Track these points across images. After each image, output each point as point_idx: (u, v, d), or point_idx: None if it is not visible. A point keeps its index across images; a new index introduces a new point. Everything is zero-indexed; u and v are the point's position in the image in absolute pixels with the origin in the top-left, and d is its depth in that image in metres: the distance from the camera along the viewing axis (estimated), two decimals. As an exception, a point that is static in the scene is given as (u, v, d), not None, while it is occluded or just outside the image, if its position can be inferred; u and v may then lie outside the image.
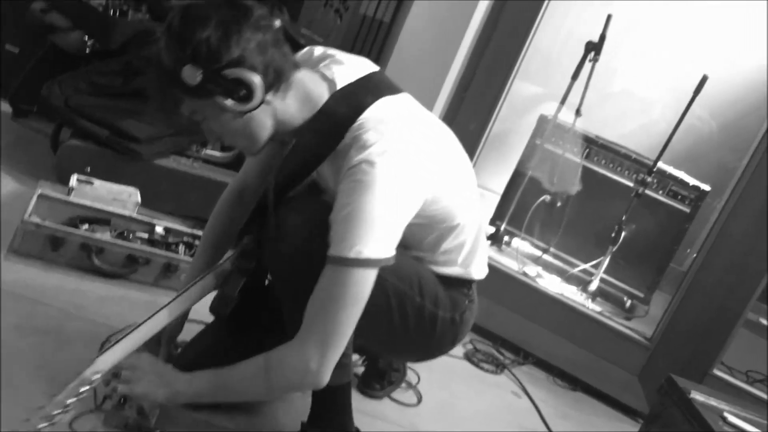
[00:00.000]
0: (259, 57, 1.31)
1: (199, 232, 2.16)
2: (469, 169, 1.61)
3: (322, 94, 1.42)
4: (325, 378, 1.34)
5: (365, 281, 1.31)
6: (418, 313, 1.52)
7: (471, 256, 1.59)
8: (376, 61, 2.79)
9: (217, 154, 2.65)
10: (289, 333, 1.36)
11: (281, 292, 1.47)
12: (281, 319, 1.47)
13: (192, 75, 1.29)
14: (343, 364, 1.43)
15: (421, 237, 1.51)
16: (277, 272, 1.49)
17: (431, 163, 1.40)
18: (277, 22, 1.37)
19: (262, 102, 1.34)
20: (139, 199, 2.25)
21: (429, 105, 2.63)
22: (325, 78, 1.45)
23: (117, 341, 1.42)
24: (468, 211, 1.53)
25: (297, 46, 1.52)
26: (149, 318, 1.46)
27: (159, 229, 2.18)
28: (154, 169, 2.47)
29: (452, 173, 1.50)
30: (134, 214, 2.19)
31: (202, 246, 1.74)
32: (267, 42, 1.33)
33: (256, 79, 1.31)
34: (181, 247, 2.16)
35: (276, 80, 1.35)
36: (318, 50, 1.55)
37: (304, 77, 1.42)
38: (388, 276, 1.42)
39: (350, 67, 1.48)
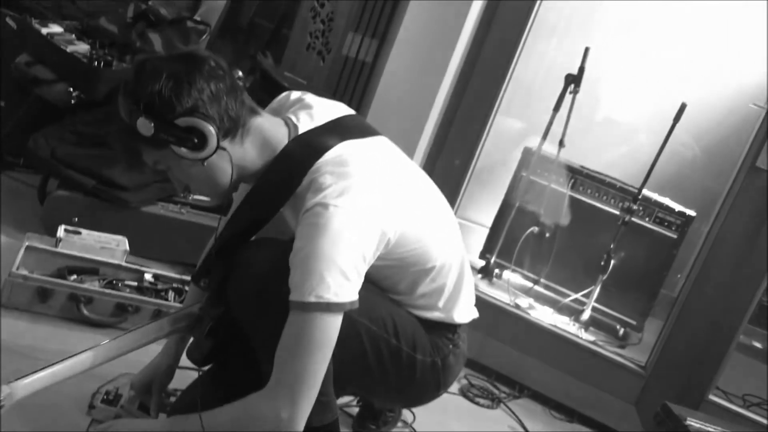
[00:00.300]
0: (212, 105, 1.36)
1: (189, 278, 2.15)
2: (447, 213, 1.61)
3: (282, 139, 1.44)
4: (299, 425, 1.33)
5: (329, 326, 1.30)
6: (394, 356, 1.51)
7: (453, 300, 1.57)
8: (359, 100, 2.87)
9: (205, 198, 2.65)
10: (264, 377, 1.36)
11: (249, 334, 1.47)
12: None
13: (146, 126, 1.33)
14: (324, 403, 1.42)
15: (396, 280, 1.51)
16: (242, 316, 1.48)
17: (394, 205, 1.40)
18: (239, 73, 1.41)
19: (217, 148, 1.36)
20: (127, 247, 2.25)
21: (413, 142, 2.68)
22: (287, 123, 1.47)
23: (30, 373, 1.40)
24: (445, 254, 1.52)
25: (280, 89, 1.54)
26: (73, 356, 1.44)
27: (148, 276, 2.17)
28: (142, 216, 2.47)
29: (423, 216, 1.49)
30: (123, 263, 2.19)
31: (192, 290, 1.74)
32: (221, 91, 1.37)
33: (209, 127, 1.35)
34: (171, 294, 2.15)
35: (232, 127, 1.39)
36: (294, 95, 1.58)
37: (263, 123, 1.45)
38: (361, 318, 1.42)
39: (319, 111, 1.50)
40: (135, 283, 2.14)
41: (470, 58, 2.68)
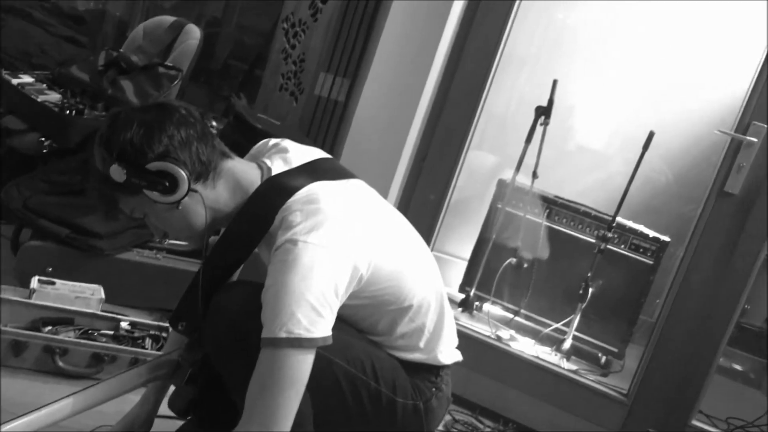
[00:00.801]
0: (183, 150, 1.40)
1: (166, 324, 2.14)
2: (424, 252, 1.61)
3: (255, 181, 1.47)
4: None
5: (301, 362, 1.30)
6: (374, 399, 1.49)
7: (434, 340, 1.56)
8: (333, 138, 2.89)
9: (181, 243, 2.64)
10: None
11: (225, 377, 1.46)
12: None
13: (118, 173, 1.38)
14: None
15: (374, 321, 1.51)
16: (216, 357, 1.47)
17: (365, 241, 1.41)
18: (213, 122, 1.45)
19: (188, 191, 1.40)
20: (102, 295, 2.23)
21: (388, 178, 2.70)
22: (260, 166, 1.50)
23: (7, 421, 1.39)
24: (422, 293, 1.52)
25: (254, 131, 1.57)
26: (50, 404, 1.43)
27: (124, 325, 2.15)
28: (118, 263, 2.46)
29: (397, 254, 1.50)
30: (98, 312, 2.17)
31: (172, 336, 1.73)
32: (191, 136, 1.42)
33: (179, 170, 1.39)
34: (148, 341, 2.13)
35: (204, 170, 1.43)
36: (272, 141, 1.62)
37: (235, 166, 1.48)
38: (339, 360, 1.42)
39: (294, 155, 1.53)
40: (111, 332, 2.12)
41: (441, 93, 2.72)
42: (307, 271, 1.29)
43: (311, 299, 1.29)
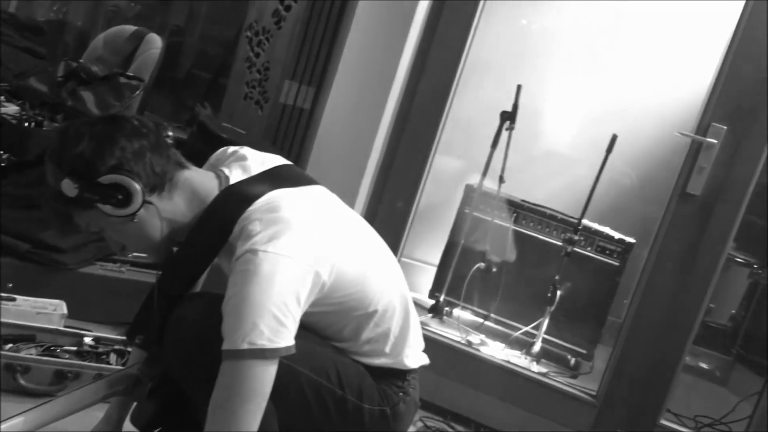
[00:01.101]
0: (137, 162, 1.38)
1: (131, 338, 2.10)
2: (388, 257, 1.61)
3: (212, 191, 1.45)
4: None
5: (263, 373, 1.29)
6: (340, 407, 1.48)
7: (400, 344, 1.55)
8: (299, 147, 2.87)
9: (145, 255, 2.60)
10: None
11: (186, 390, 1.44)
12: None
13: (69, 187, 1.35)
14: None
15: (339, 327, 1.50)
16: (177, 370, 1.45)
17: (327, 248, 1.40)
18: (170, 132, 1.44)
19: (143, 203, 1.38)
20: (65, 310, 2.18)
21: (354, 185, 2.69)
22: (218, 175, 1.48)
23: None
24: (386, 298, 1.51)
25: (218, 140, 1.54)
26: (2, 421, 1.39)
27: (88, 340, 2.11)
28: (81, 278, 2.41)
29: (360, 260, 1.49)
30: (61, 327, 2.12)
31: (135, 351, 1.70)
32: (145, 147, 1.39)
33: (133, 183, 1.37)
34: (113, 356, 2.09)
35: (158, 182, 1.41)
36: (231, 149, 1.60)
37: (192, 176, 1.46)
38: (303, 368, 1.41)
39: (253, 163, 1.52)
40: (74, 348, 2.08)
41: (406, 99, 2.72)
42: (267, 281, 1.28)
43: (273, 309, 1.27)
